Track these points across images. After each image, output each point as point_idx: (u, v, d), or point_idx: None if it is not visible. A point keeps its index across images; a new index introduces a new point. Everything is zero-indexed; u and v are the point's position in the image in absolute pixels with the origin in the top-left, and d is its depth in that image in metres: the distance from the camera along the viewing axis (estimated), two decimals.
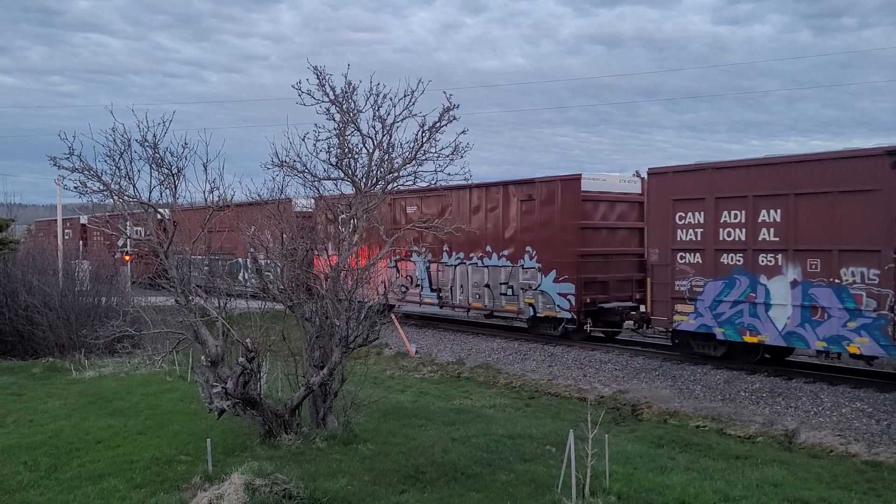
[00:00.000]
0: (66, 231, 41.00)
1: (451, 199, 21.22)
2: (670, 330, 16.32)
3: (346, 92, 10.02)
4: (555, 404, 14.65)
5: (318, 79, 9.94)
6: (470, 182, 18.55)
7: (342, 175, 10.46)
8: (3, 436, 11.08)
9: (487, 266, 20.41)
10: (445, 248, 21.48)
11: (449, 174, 10.52)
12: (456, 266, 21.45)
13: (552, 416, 13.31)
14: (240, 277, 26.47)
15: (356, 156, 10.36)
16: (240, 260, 26.94)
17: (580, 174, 18.35)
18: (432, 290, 22.28)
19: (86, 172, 9.82)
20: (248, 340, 9.27)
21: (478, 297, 20.74)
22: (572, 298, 18.18)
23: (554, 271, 18.57)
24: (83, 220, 29.72)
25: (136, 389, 14.57)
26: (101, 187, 9.92)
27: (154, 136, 9.70)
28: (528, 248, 19.28)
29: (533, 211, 19.20)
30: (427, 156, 10.37)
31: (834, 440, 11.49)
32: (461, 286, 21.25)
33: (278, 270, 10.31)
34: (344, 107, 10.06)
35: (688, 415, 13.30)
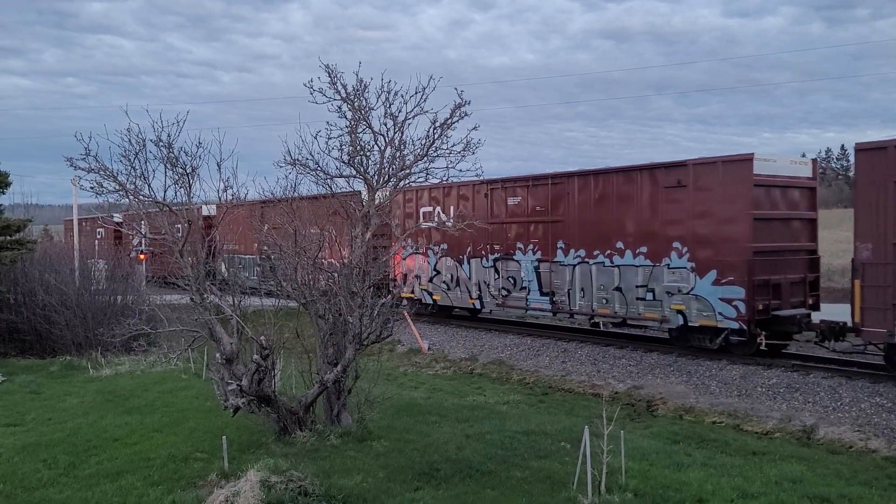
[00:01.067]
0: (99, 231, 40.53)
1: (567, 187, 18.32)
2: (886, 344, 13.42)
3: (357, 89, 10.02)
4: (569, 400, 14.60)
5: (330, 77, 9.96)
6: (594, 168, 18.13)
7: (354, 172, 10.46)
8: (23, 433, 11.19)
9: (618, 266, 17.19)
10: (560, 244, 18.35)
11: (460, 170, 10.51)
12: (575, 266, 18.07)
13: (566, 412, 13.27)
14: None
15: (368, 153, 10.37)
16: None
17: (751, 154, 15.19)
18: (543, 294, 19.00)
19: (102, 172, 9.90)
20: (262, 338, 9.30)
21: (605, 302, 17.42)
22: (741, 305, 14.98)
23: (714, 272, 15.43)
24: (117, 218, 29.31)
25: (152, 387, 14.68)
26: (117, 187, 9.99)
27: (168, 135, 9.76)
28: (677, 245, 16.13)
29: (683, 200, 16.01)
30: (438, 152, 10.36)
31: (853, 436, 11.37)
32: (581, 289, 17.91)
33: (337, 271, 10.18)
34: (355, 104, 10.06)
35: (704, 411, 13.21)
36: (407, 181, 10.69)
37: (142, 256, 30.46)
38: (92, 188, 10.14)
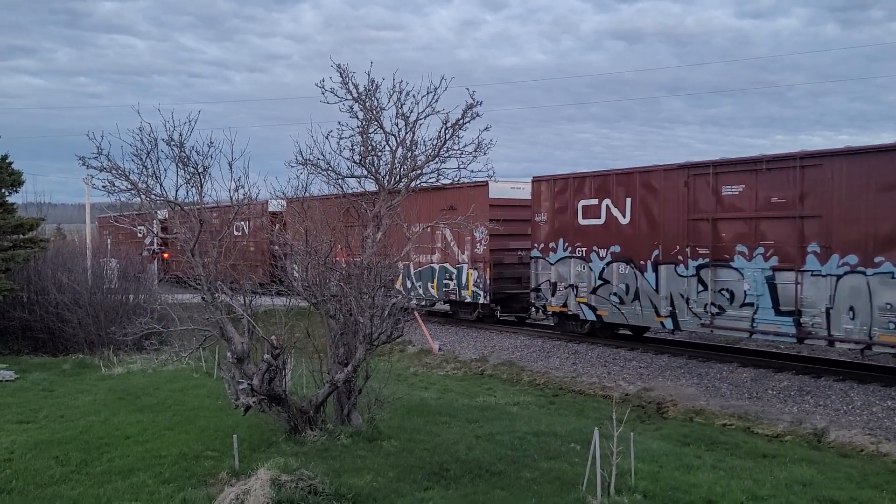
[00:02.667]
0: (140, 228, 39.55)
1: (827, 170, 13.66)
2: None
3: (368, 90, 10.05)
4: (579, 402, 14.58)
5: (342, 77, 9.98)
6: (876, 144, 13.11)
7: (366, 173, 10.49)
8: (35, 431, 11.29)
9: None
10: (813, 248, 13.77)
11: (472, 171, 10.52)
12: (840, 277, 13.40)
13: (576, 413, 13.25)
14: (397, 285, 22.76)
15: (379, 153, 10.39)
16: (398, 264, 24.77)
17: None
18: (781, 314, 14.32)
19: (114, 172, 9.96)
20: (273, 337, 9.34)
21: (892, 326, 12.72)
22: None
23: None
24: (160, 215, 28.51)
25: (164, 386, 14.76)
26: (129, 186, 10.05)
27: (180, 135, 9.81)
28: None
29: None
30: (450, 153, 10.38)
31: (864, 439, 11.30)
32: (850, 309, 13.21)
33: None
34: (367, 104, 10.09)
35: (714, 413, 13.16)
36: (418, 182, 10.70)
37: (166, 255, 30.59)
38: (104, 187, 10.21)
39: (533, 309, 20.85)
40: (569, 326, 19.12)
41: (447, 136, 10.23)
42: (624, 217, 17.20)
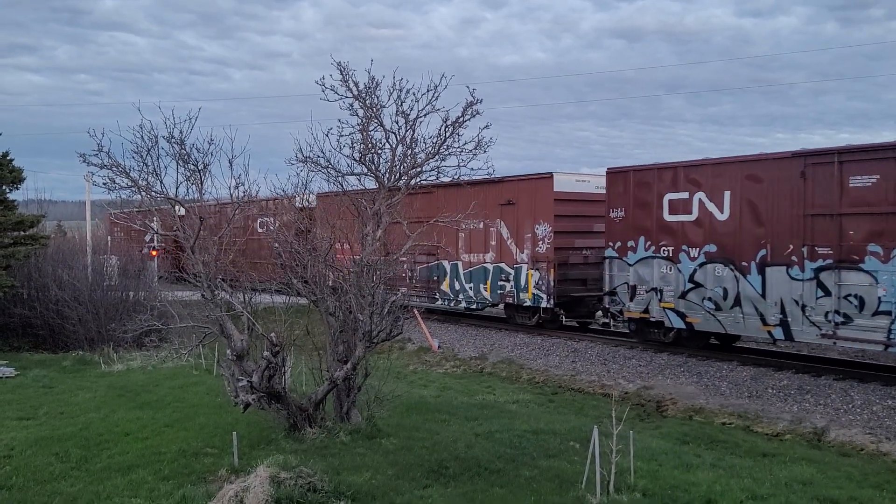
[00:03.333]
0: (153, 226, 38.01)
1: None
2: None
3: (369, 87, 10.04)
4: (578, 400, 14.58)
5: (342, 74, 9.97)
6: None
7: (365, 170, 10.48)
8: (35, 427, 11.29)
9: None
10: None
11: (472, 169, 10.51)
12: None
13: (575, 411, 13.25)
14: (444, 287, 22.54)
15: (379, 151, 10.38)
16: (444, 263, 22.55)
17: None
18: None
19: (114, 169, 9.96)
20: (272, 335, 9.34)
21: None
22: None
23: None
24: (181, 211, 26.68)
25: (164, 383, 14.76)
26: (129, 183, 10.05)
27: (181, 132, 9.81)
28: None
29: None
30: (450, 151, 10.37)
31: (864, 438, 11.30)
32: None
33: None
34: (367, 102, 10.08)
35: (713, 411, 13.16)
36: (418, 179, 10.69)
37: (154, 253, 30.56)
38: (105, 184, 10.21)
39: (601, 314, 18.81)
40: (649, 335, 17.22)
41: (447, 134, 10.22)
42: (721, 212, 15.30)
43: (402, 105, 10.04)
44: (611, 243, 17.60)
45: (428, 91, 9.92)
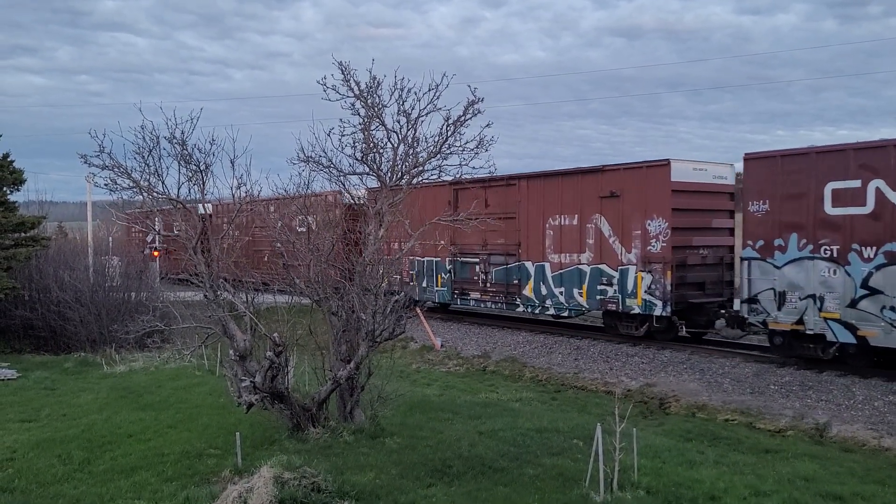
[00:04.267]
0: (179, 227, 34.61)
1: None
2: None
3: (370, 87, 10.03)
4: (581, 398, 14.59)
5: (343, 74, 9.96)
6: None
7: (367, 170, 10.48)
8: (38, 429, 11.29)
9: None
10: None
11: (473, 168, 10.50)
12: None
13: (578, 409, 13.26)
14: (526, 292, 19.84)
15: (381, 150, 10.37)
16: (527, 265, 19.81)
17: None
18: None
19: (116, 170, 9.95)
20: (275, 335, 9.34)
21: None
22: None
23: None
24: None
25: (166, 384, 14.77)
26: (131, 184, 10.04)
27: (182, 132, 9.80)
28: None
29: None
30: (452, 149, 10.36)
31: (867, 434, 11.30)
32: None
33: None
34: (369, 101, 10.07)
35: (716, 408, 13.17)
36: (420, 178, 10.68)
37: (155, 253, 30.52)
38: (106, 185, 10.20)
39: (724, 323, 16.87)
40: (802, 350, 14.48)
41: (449, 133, 10.21)
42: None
43: (403, 104, 10.03)
44: (750, 242, 14.96)
45: (429, 90, 9.92)
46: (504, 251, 20.58)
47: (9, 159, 21.57)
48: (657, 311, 16.82)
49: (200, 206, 10.38)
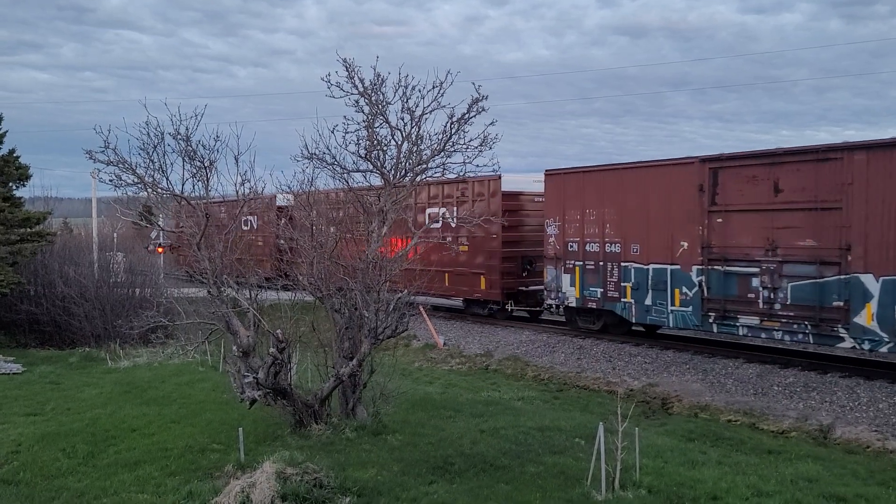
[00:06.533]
0: (247, 219, 29.45)
1: None
2: None
3: (374, 84, 10.04)
4: (583, 397, 14.58)
5: (348, 71, 9.98)
6: None
7: (371, 167, 10.49)
8: (43, 423, 11.35)
9: None
10: None
11: (477, 166, 10.51)
12: None
13: (581, 408, 13.25)
14: (862, 320, 12.72)
15: (385, 148, 10.38)
16: (865, 278, 12.82)
17: None
18: None
19: (120, 165, 9.98)
20: (278, 331, 9.36)
21: None
22: None
23: None
24: (280, 201, 21.50)
25: (170, 379, 14.82)
26: (136, 180, 10.08)
27: (186, 129, 9.83)
28: None
29: None
30: (456, 147, 10.36)
31: (871, 436, 11.27)
32: None
33: None
34: (373, 99, 10.08)
35: (719, 409, 13.15)
36: (424, 176, 10.69)
37: (160, 250, 30.60)
38: (111, 181, 10.24)
39: None
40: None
41: (453, 131, 10.22)
42: None
43: (407, 102, 10.04)
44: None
45: (433, 88, 9.93)
46: (812, 257, 13.77)
47: (14, 155, 21.65)
48: None
49: (279, 196, 10.37)
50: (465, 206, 21.60)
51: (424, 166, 10.47)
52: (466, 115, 10.15)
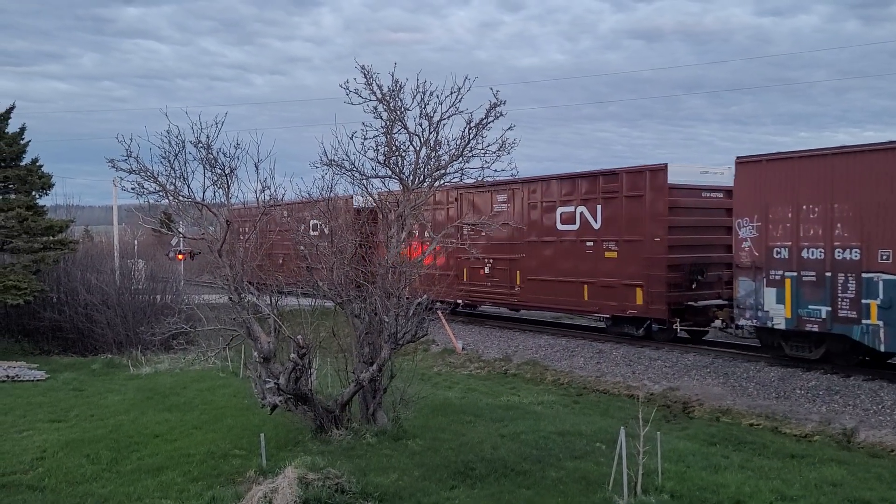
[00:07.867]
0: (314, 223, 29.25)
1: None
2: None
3: (393, 90, 10.08)
4: (603, 401, 14.51)
5: (366, 78, 10.03)
6: None
7: (390, 173, 10.53)
8: (67, 430, 11.48)
9: None
10: None
11: (496, 170, 10.51)
12: None
13: (601, 413, 13.19)
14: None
15: (403, 153, 10.42)
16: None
17: None
18: None
19: (142, 174, 10.10)
20: (299, 337, 9.41)
21: None
22: None
23: None
24: (357, 202, 20.60)
25: (191, 385, 14.93)
26: (157, 188, 10.18)
27: (207, 137, 9.92)
28: None
29: None
30: (474, 152, 10.38)
31: (895, 439, 11.13)
32: None
33: None
34: (391, 105, 10.13)
35: (741, 413, 13.03)
36: (442, 181, 10.71)
37: (180, 257, 30.83)
38: (133, 189, 10.36)
39: None
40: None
41: (471, 136, 10.24)
42: None
43: (425, 107, 10.08)
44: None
45: (451, 93, 9.95)
46: None
47: (37, 164, 21.95)
48: None
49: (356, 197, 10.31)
50: (614, 203, 18.06)
51: (443, 171, 10.49)
52: (485, 120, 10.17)
